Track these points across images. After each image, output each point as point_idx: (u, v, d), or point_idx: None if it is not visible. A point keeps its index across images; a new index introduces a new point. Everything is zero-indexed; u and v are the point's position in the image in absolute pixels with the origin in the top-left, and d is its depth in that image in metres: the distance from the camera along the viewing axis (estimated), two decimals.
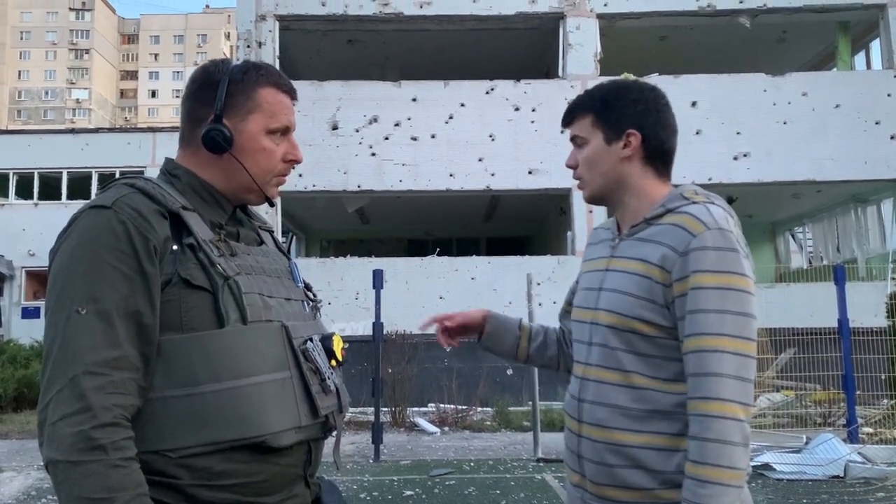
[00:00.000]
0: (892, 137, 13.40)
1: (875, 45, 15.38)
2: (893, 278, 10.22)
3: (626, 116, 1.53)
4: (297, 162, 1.42)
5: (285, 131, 1.39)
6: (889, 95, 13.51)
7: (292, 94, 1.42)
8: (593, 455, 1.46)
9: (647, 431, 1.41)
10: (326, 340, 1.38)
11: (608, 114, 1.55)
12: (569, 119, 1.62)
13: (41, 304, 19.60)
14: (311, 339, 1.35)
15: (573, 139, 1.61)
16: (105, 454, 1.10)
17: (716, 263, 1.37)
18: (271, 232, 1.54)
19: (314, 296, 1.51)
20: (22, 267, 20.46)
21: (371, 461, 7.94)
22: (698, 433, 1.32)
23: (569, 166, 1.63)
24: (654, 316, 1.42)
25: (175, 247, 1.24)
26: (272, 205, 1.44)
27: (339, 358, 1.38)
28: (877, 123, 13.41)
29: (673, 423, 1.40)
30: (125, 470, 1.11)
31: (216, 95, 1.34)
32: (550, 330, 1.87)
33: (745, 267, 1.39)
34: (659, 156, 1.56)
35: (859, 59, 16.28)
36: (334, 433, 1.40)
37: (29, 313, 19.68)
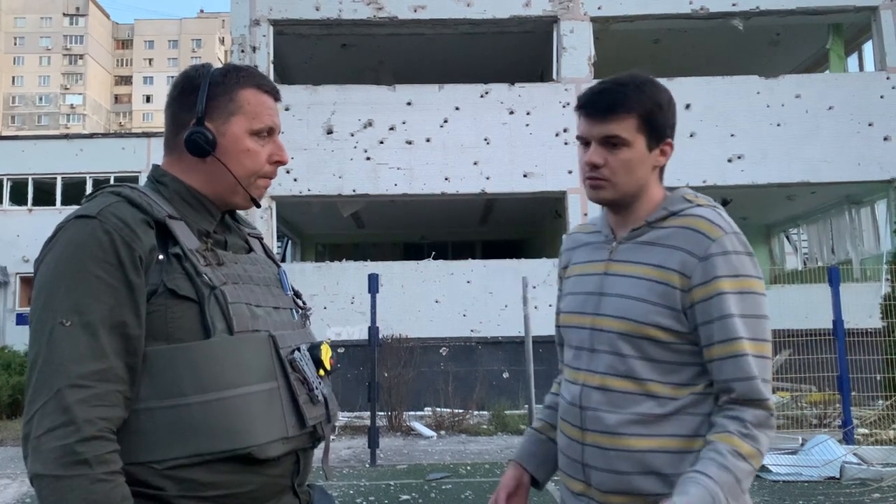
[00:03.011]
0: (885, 139, 13.45)
1: (868, 47, 15.44)
2: (888, 279, 10.24)
3: (668, 123, 1.49)
4: (283, 163, 1.40)
5: (269, 132, 1.38)
6: (882, 97, 13.56)
7: (275, 94, 1.40)
8: (602, 463, 1.42)
9: (660, 435, 1.38)
10: (314, 350, 1.36)
11: (657, 120, 1.47)
12: (607, 115, 1.46)
13: None
14: (298, 349, 1.33)
15: (609, 138, 1.46)
16: (89, 468, 1.09)
17: (737, 268, 1.38)
18: (261, 238, 1.52)
19: (304, 303, 1.49)
20: (16, 273, 20.41)
21: (367, 466, 7.92)
22: (740, 417, 1.35)
23: (594, 164, 1.47)
24: (671, 322, 1.39)
25: (161, 256, 1.23)
26: (258, 206, 1.42)
27: (328, 367, 1.37)
28: (870, 125, 13.46)
29: (684, 425, 1.39)
30: (110, 484, 1.10)
31: (198, 99, 1.33)
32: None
33: (758, 269, 1.41)
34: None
35: (852, 60, 16.35)
36: (323, 443, 1.38)
37: (23, 320, 19.60)
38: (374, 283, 8.56)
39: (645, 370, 1.40)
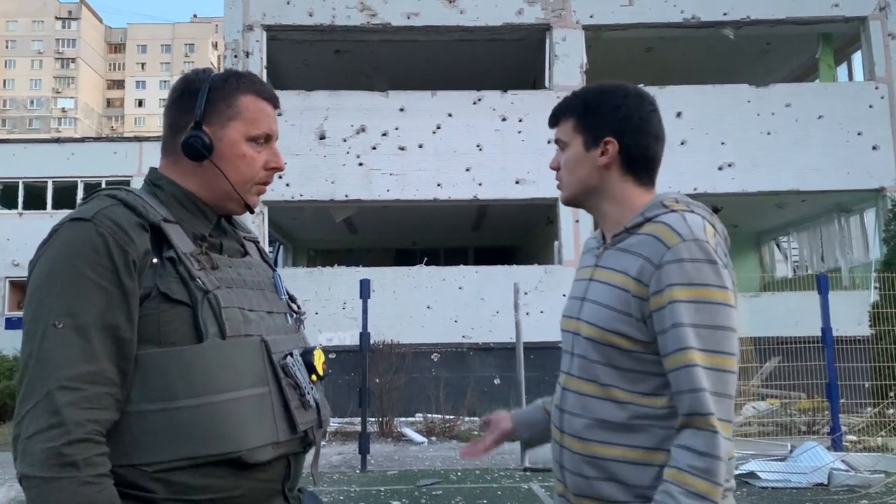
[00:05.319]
0: (874, 148, 13.57)
1: (857, 57, 15.59)
2: (876, 287, 10.32)
3: (604, 123, 1.50)
4: (279, 170, 1.41)
5: (267, 139, 1.39)
6: (871, 106, 13.68)
7: (274, 101, 1.41)
8: (572, 466, 1.45)
9: (623, 444, 1.39)
10: (307, 355, 1.37)
11: (588, 119, 1.51)
12: (554, 121, 1.60)
13: None
14: (291, 354, 1.34)
15: (556, 141, 1.59)
16: (77, 471, 1.10)
17: (692, 276, 1.34)
18: (257, 242, 1.53)
19: (298, 308, 1.49)
20: (6, 277, 20.25)
21: (358, 471, 7.92)
22: (694, 445, 1.30)
23: (552, 168, 1.61)
24: (632, 330, 1.39)
25: (155, 260, 1.24)
26: (252, 212, 1.43)
27: (320, 372, 1.38)
28: (859, 134, 13.58)
29: (649, 436, 1.38)
30: (97, 486, 1.11)
31: (196, 103, 1.34)
32: None
33: (724, 278, 1.35)
34: (641, 163, 1.51)
35: (841, 70, 16.49)
36: (314, 448, 1.39)
37: (12, 324, 19.45)
38: (365, 288, 8.56)
39: (608, 376, 1.41)
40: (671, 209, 1.44)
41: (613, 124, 1.50)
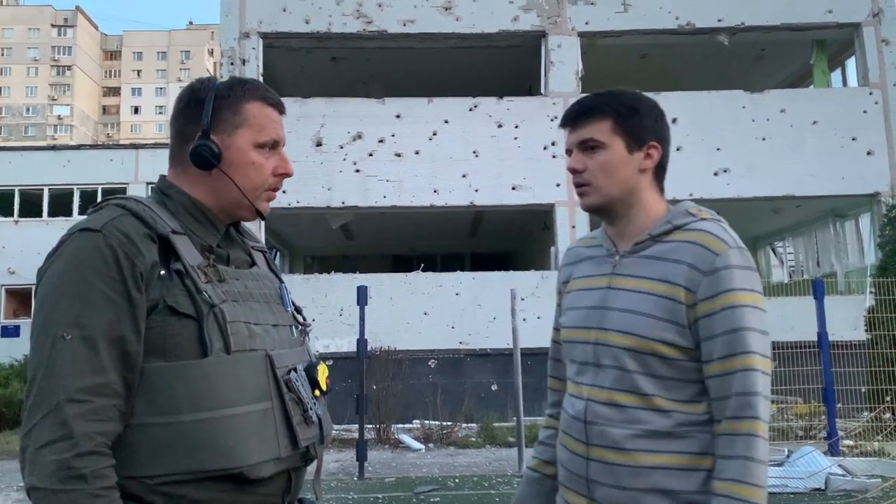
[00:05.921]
0: (868, 153, 13.63)
1: (851, 63, 15.67)
2: (872, 292, 10.35)
3: (651, 128, 1.51)
4: (288, 175, 1.41)
5: (274, 145, 1.39)
6: (865, 112, 13.75)
7: (280, 108, 1.41)
8: (609, 479, 1.41)
9: (670, 452, 1.38)
10: (311, 369, 1.37)
11: (634, 122, 1.50)
12: (580, 120, 1.53)
13: (21, 322, 19.32)
14: (295, 369, 1.34)
15: (584, 143, 1.52)
16: (85, 483, 1.10)
17: (742, 282, 1.38)
18: (264, 252, 1.52)
19: (304, 319, 1.49)
20: (2, 285, 20.21)
21: (355, 478, 7.90)
22: (743, 452, 1.32)
23: (574, 170, 1.53)
24: (677, 338, 1.39)
25: (162, 272, 1.24)
26: (263, 218, 1.42)
27: (323, 387, 1.38)
28: (853, 139, 13.64)
29: (695, 442, 1.38)
30: (105, 499, 1.12)
31: (203, 112, 1.34)
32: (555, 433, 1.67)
33: (760, 285, 1.42)
34: (664, 172, 1.55)
35: (836, 76, 16.57)
36: (315, 461, 1.39)
37: (9, 332, 19.39)
38: (362, 295, 8.56)
39: (648, 385, 1.40)
40: (700, 217, 1.47)
41: (658, 130, 1.53)
